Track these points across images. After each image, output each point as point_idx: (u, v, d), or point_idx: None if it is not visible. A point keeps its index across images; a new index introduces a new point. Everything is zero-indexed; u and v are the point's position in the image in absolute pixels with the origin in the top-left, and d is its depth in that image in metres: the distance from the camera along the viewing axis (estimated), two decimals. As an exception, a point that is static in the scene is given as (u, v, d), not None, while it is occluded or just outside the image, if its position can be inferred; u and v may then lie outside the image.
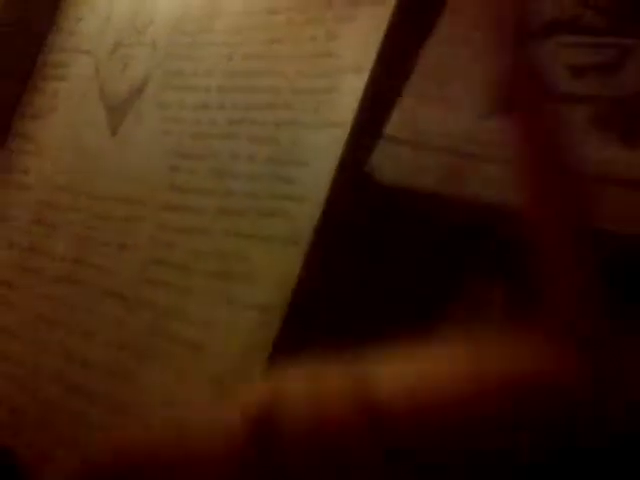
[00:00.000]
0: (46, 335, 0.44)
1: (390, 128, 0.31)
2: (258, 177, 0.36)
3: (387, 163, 0.30)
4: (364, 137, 0.32)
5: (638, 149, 0.25)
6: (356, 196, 0.32)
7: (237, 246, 0.36)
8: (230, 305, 0.35)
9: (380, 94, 0.32)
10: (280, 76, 0.37)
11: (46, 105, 0.51)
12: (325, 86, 0.34)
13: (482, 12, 0.30)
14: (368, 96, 0.32)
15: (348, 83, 0.33)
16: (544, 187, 0.18)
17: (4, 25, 0.52)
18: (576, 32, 0.27)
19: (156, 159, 0.42)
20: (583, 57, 0.26)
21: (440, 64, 0.30)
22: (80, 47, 0.50)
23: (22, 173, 0.51)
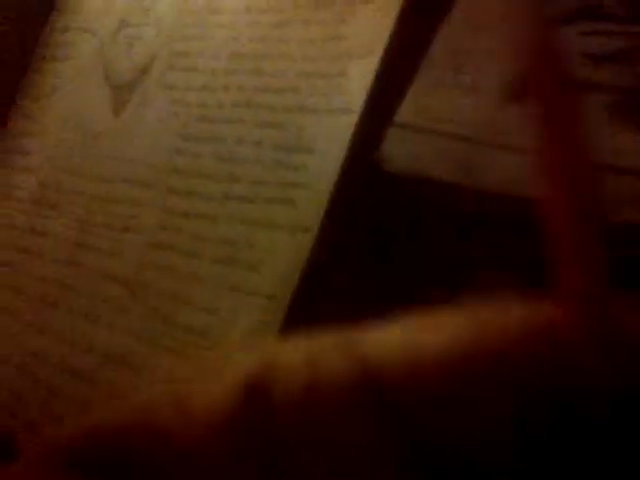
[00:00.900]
0: (48, 318, 0.44)
1: (402, 115, 0.30)
2: (264, 163, 0.35)
3: (398, 151, 0.30)
4: (374, 124, 0.31)
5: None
6: (365, 184, 0.31)
7: (243, 233, 0.35)
8: (235, 292, 0.35)
9: (391, 80, 0.31)
10: (288, 59, 0.36)
11: (48, 85, 0.50)
12: (334, 70, 0.34)
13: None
14: (379, 82, 0.32)
15: (358, 68, 0.33)
16: (561, 173, 0.17)
17: (4, 4, 0.51)
18: (596, 20, 0.26)
19: (161, 141, 0.41)
20: (603, 45, 0.26)
21: (455, 49, 0.29)
22: (83, 26, 0.49)
23: (24, 154, 0.50)
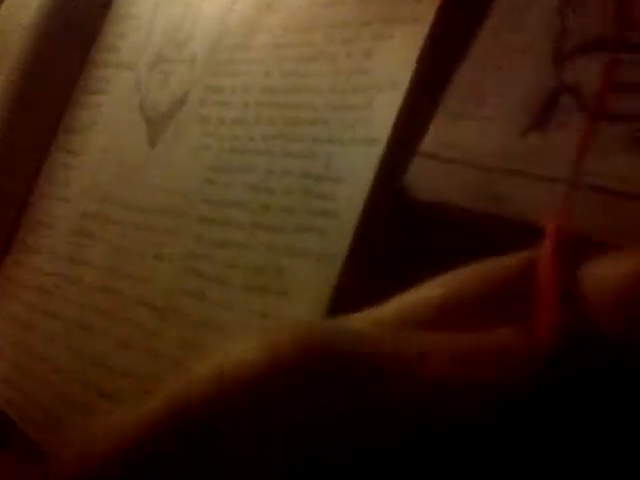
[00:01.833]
0: (84, 343, 0.45)
1: (425, 145, 0.31)
2: (293, 192, 0.36)
3: (422, 180, 0.30)
4: (400, 154, 0.32)
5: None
6: (391, 212, 0.32)
7: (272, 261, 0.36)
8: (265, 319, 0.36)
9: (416, 111, 0.32)
10: (316, 92, 0.37)
11: (88, 119, 0.52)
12: (361, 103, 0.35)
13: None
14: (404, 113, 0.32)
15: (384, 100, 0.34)
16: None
17: (48, 39, 0.54)
18: (615, 50, 0.27)
19: (194, 173, 0.43)
20: (623, 74, 0.26)
21: (476, 81, 0.30)
22: (122, 62, 0.51)
23: (64, 185, 0.52)
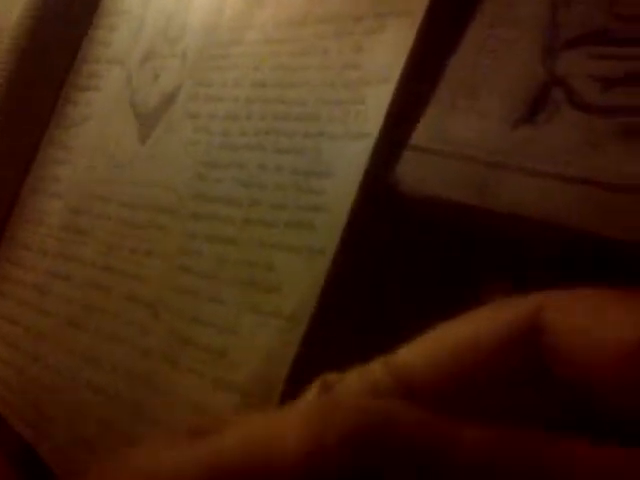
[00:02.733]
0: (75, 339, 0.45)
1: (416, 138, 0.31)
2: (284, 188, 0.36)
3: (412, 174, 0.30)
4: (390, 148, 0.32)
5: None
6: (381, 207, 0.32)
7: (263, 256, 0.36)
8: (255, 313, 0.36)
9: (407, 105, 0.32)
10: (307, 87, 0.37)
11: (79, 115, 0.52)
12: (352, 97, 0.34)
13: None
14: (395, 107, 0.32)
15: (375, 94, 0.33)
16: None
17: (38, 34, 0.53)
18: (605, 43, 0.27)
19: (185, 168, 0.43)
20: (612, 68, 0.26)
21: (468, 74, 0.30)
22: (113, 57, 0.51)
23: (54, 181, 0.52)
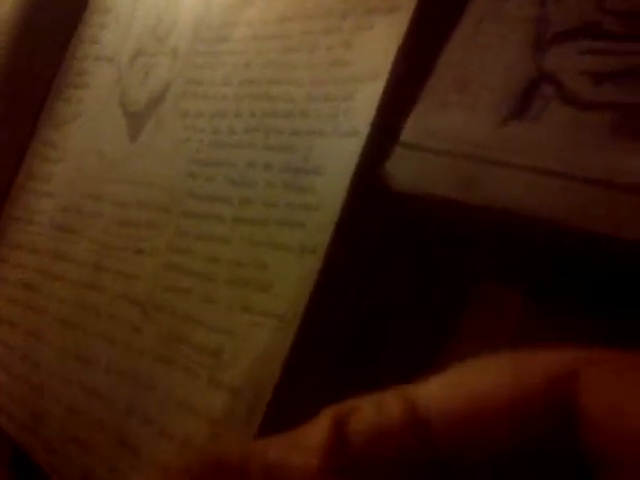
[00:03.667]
0: (67, 339, 0.45)
1: (406, 134, 0.31)
2: (275, 185, 0.36)
3: (403, 170, 0.30)
4: (381, 145, 0.31)
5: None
6: (372, 204, 0.32)
7: (254, 254, 0.36)
8: (247, 312, 0.36)
9: (397, 101, 0.32)
10: (296, 84, 0.37)
11: (69, 112, 0.52)
12: (341, 94, 0.34)
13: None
14: (384, 104, 0.32)
15: (364, 91, 0.33)
16: None
17: (28, 31, 0.53)
18: (595, 38, 0.27)
19: (175, 166, 0.42)
20: (602, 64, 0.26)
21: (458, 70, 0.30)
22: (103, 55, 0.51)
23: (45, 180, 0.52)
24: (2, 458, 0.43)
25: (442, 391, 0.12)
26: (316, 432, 0.13)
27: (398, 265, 0.31)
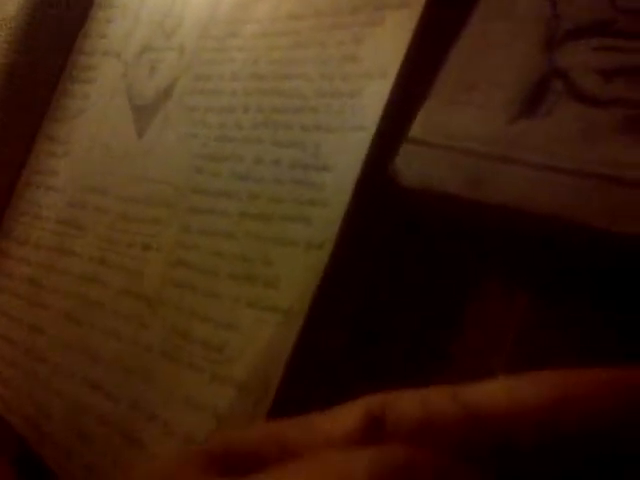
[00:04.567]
0: (72, 334, 0.45)
1: (415, 130, 0.30)
2: (282, 181, 0.36)
3: (411, 166, 0.30)
4: (389, 141, 0.31)
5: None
6: (379, 200, 0.31)
7: (260, 250, 0.36)
8: (252, 308, 0.35)
9: (406, 98, 0.32)
10: (305, 80, 0.36)
11: (75, 108, 0.52)
12: (350, 90, 0.34)
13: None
14: (393, 100, 0.32)
15: (373, 87, 0.33)
16: None
17: (35, 27, 0.53)
18: (607, 35, 0.26)
19: (182, 162, 0.42)
20: (614, 61, 0.26)
21: (468, 66, 0.30)
22: (109, 50, 0.51)
23: (51, 175, 0.52)
24: (7, 451, 0.43)
25: (498, 394, 0.12)
26: (346, 421, 0.12)
27: (405, 261, 0.31)
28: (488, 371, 0.25)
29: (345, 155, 0.33)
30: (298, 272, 0.33)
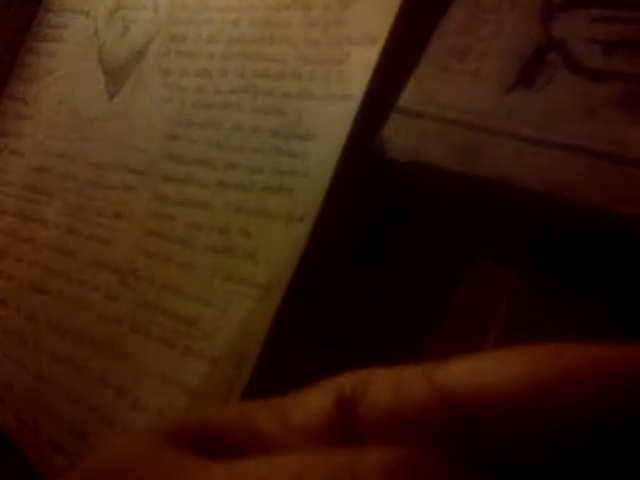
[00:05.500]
0: (37, 304, 0.43)
1: (404, 100, 0.29)
2: (262, 150, 0.35)
3: (399, 137, 0.29)
4: (375, 111, 0.30)
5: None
6: (365, 172, 0.30)
7: (239, 221, 0.34)
8: (229, 281, 0.34)
9: (394, 66, 0.30)
10: (288, 44, 0.35)
11: (42, 67, 0.49)
12: (336, 56, 0.33)
13: None
14: (381, 68, 0.31)
15: (360, 54, 0.32)
16: None
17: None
18: (607, 6, 0.25)
19: (155, 127, 0.40)
20: (614, 32, 0.25)
21: (461, 35, 0.29)
22: (78, 8, 0.48)
23: (15, 137, 0.49)
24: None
25: (476, 374, 0.11)
26: (317, 405, 0.11)
27: (391, 237, 0.30)
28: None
29: (330, 124, 0.32)
30: (278, 245, 0.32)
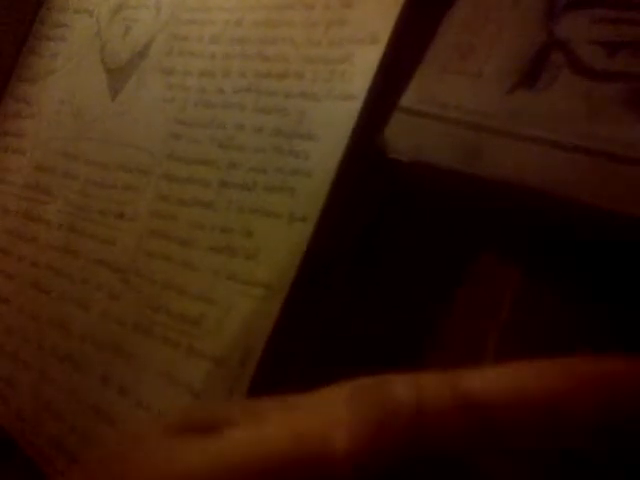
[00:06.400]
0: (40, 304, 0.43)
1: (406, 99, 0.29)
2: (264, 149, 0.35)
3: (402, 137, 0.29)
4: (379, 110, 0.30)
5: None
6: (367, 172, 0.30)
7: (241, 221, 0.34)
8: (231, 281, 0.34)
9: (397, 65, 0.30)
10: (291, 44, 0.35)
11: (44, 67, 0.49)
12: (338, 56, 0.33)
13: None
14: (383, 68, 0.31)
15: (363, 54, 0.32)
16: None
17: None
18: (610, 6, 0.25)
19: (158, 126, 0.41)
20: (617, 33, 0.25)
21: (463, 34, 0.29)
22: (81, 7, 0.48)
23: (18, 137, 0.49)
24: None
25: (498, 375, 0.11)
26: (330, 413, 0.11)
27: (394, 237, 0.30)
28: (481, 348, 0.25)
29: (332, 124, 0.32)
30: (280, 245, 0.32)
